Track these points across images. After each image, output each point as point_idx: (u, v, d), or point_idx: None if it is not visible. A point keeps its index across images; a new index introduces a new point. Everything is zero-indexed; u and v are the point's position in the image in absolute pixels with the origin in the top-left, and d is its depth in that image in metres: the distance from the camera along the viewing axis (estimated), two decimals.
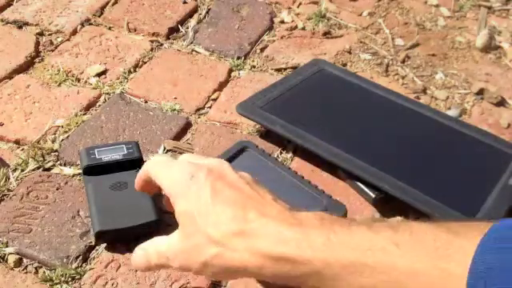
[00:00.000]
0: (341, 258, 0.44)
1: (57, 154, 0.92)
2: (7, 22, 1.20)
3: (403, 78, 1.16)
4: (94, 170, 0.75)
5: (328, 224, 0.47)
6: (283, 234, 0.46)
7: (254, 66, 1.16)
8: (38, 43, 1.15)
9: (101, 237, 0.69)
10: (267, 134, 0.99)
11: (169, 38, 1.21)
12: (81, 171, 0.87)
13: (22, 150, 0.92)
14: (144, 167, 0.60)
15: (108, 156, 0.75)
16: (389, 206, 0.87)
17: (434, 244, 0.42)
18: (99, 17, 1.24)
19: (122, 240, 0.74)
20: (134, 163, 0.79)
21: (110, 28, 1.22)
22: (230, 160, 0.86)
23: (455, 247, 0.41)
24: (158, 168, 0.57)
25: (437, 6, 1.40)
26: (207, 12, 1.29)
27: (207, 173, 0.52)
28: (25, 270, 0.74)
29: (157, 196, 0.68)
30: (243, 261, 0.47)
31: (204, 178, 0.52)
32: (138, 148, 0.78)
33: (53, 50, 1.14)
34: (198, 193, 0.51)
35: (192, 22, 1.26)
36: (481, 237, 0.40)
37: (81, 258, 0.76)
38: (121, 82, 1.08)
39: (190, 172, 0.53)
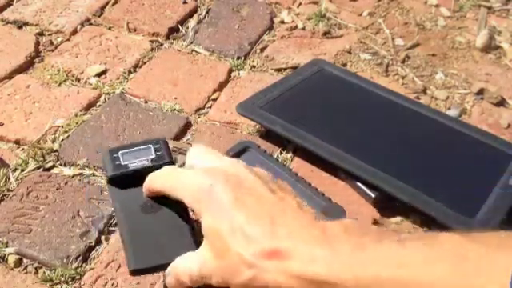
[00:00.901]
0: (372, 275, 0.43)
1: (57, 153, 0.92)
2: (7, 22, 1.20)
3: (403, 77, 1.16)
4: (119, 180, 0.64)
5: (356, 237, 0.45)
6: (313, 253, 0.44)
7: (254, 66, 1.16)
8: (37, 43, 1.15)
9: (136, 273, 0.60)
10: (267, 134, 0.99)
11: (169, 38, 1.21)
12: (81, 171, 0.87)
13: (22, 150, 0.92)
14: (151, 184, 0.56)
15: (134, 162, 0.64)
16: (389, 205, 0.87)
17: (468, 259, 0.41)
18: (99, 17, 1.24)
19: (160, 271, 0.62)
20: None
21: (110, 28, 1.22)
22: None
23: (491, 262, 0.40)
24: (171, 181, 0.54)
25: (437, 6, 1.40)
26: (207, 12, 1.29)
27: (224, 183, 0.49)
28: (25, 270, 0.74)
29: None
30: (277, 283, 0.45)
31: (223, 190, 0.48)
32: (168, 149, 0.67)
33: (53, 50, 1.14)
34: (219, 207, 0.48)
35: (192, 22, 1.26)
36: None
37: (81, 258, 0.76)
38: (121, 82, 1.08)
39: (209, 181, 0.49)
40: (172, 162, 0.66)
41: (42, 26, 1.20)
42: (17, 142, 0.94)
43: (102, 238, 0.80)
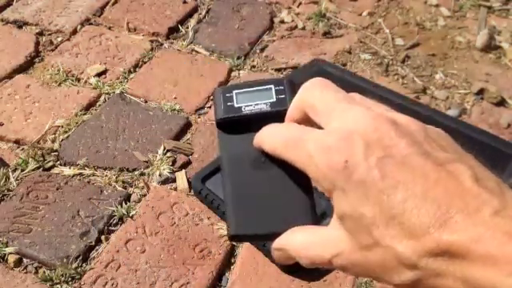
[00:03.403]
0: None
1: (57, 154, 0.92)
2: (7, 22, 1.20)
3: (403, 77, 1.16)
4: (229, 124, 0.52)
5: None
6: (505, 252, 0.32)
7: (254, 66, 1.16)
8: (37, 43, 1.15)
9: (235, 239, 0.50)
10: None
11: (169, 38, 1.21)
12: (81, 171, 0.87)
13: (22, 150, 0.92)
14: (264, 145, 0.43)
15: (251, 105, 0.51)
16: None
17: None
18: (99, 17, 1.24)
19: (264, 240, 0.53)
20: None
21: (110, 28, 1.22)
22: None
23: None
24: (291, 150, 0.40)
25: (437, 5, 1.40)
26: (207, 12, 1.29)
27: (365, 156, 0.36)
28: (25, 270, 0.74)
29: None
30: None
31: (364, 163, 0.35)
32: (292, 92, 0.52)
33: (53, 50, 1.14)
34: (361, 188, 0.36)
35: (192, 21, 1.26)
36: None
37: (81, 257, 0.76)
38: (121, 82, 1.08)
39: (342, 156, 0.36)
40: None
41: (41, 25, 1.20)
42: (17, 142, 0.94)
43: (102, 237, 0.80)
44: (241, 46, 1.20)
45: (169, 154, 0.93)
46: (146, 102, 1.04)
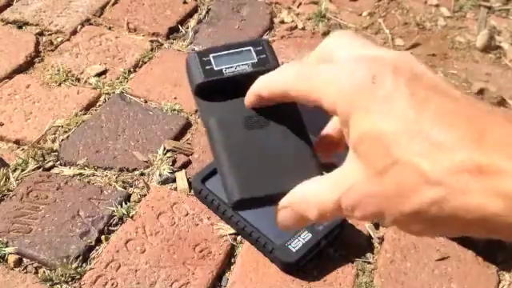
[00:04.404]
0: None
1: (57, 154, 0.92)
2: (7, 22, 1.20)
3: None
4: (210, 89, 0.47)
5: None
6: None
7: None
8: (37, 43, 1.15)
9: (239, 205, 0.43)
10: None
11: (169, 38, 1.21)
12: (81, 171, 0.87)
13: (22, 150, 0.92)
14: (266, 88, 0.40)
15: (232, 67, 0.47)
16: None
17: None
18: (99, 17, 1.24)
19: (268, 204, 0.46)
20: None
21: (110, 28, 1.22)
22: None
23: None
24: (302, 80, 0.38)
25: (437, 5, 1.40)
26: (207, 12, 1.29)
27: (394, 71, 0.34)
28: (25, 270, 0.75)
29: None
30: (481, 206, 0.31)
31: (392, 80, 0.33)
32: (273, 52, 0.50)
33: (53, 50, 1.14)
34: (387, 105, 0.33)
35: (192, 22, 1.26)
36: None
37: (81, 257, 0.76)
38: (121, 82, 1.08)
39: (369, 71, 0.34)
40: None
41: (41, 25, 1.20)
42: (17, 142, 0.94)
43: (102, 237, 0.80)
44: None
45: (169, 154, 0.93)
46: (146, 102, 1.04)
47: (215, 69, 0.46)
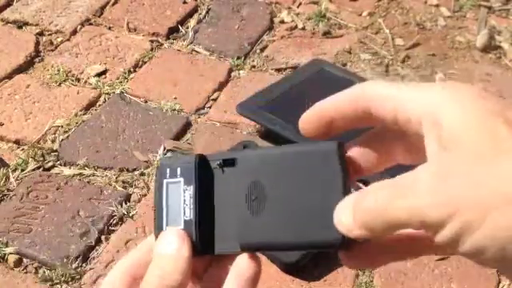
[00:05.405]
0: None
1: (57, 153, 0.92)
2: (7, 22, 1.20)
3: (403, 77, 1.16)
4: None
5: None
6: None
7: (254, 66, 1.16)
8: (37, 43, 1.15)
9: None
10: (267, 134, 0.99)
11: (169, 38, 1.21)
12: (81, 171, 0.87)
13: (22, 150, 0.92)
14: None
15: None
16: None
17: None
18: (99, 17, 1.24)
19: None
20: None
21: (110, 28, 1.22)
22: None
23: None
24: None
25: (437, 5, 1.40)
26: (207, 12, 1.29)
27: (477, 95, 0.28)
28: (25, 270, 0.75)
29: None
30: None
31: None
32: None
33: (53, 50, 1.14)
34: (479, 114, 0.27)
35: (192, 22, 1.26)
36: None
37: (81, 258, 0.76)
38: (121, 82, 1.08)
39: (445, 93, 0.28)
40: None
41: (42, 25, 1.20)
42: (17, 142, 0.94)
43: (102, 237, 0.80)
44: (241, 46, 1.20)
45: (169, 154, 0.93)
46: (146, 102, 1.04)
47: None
